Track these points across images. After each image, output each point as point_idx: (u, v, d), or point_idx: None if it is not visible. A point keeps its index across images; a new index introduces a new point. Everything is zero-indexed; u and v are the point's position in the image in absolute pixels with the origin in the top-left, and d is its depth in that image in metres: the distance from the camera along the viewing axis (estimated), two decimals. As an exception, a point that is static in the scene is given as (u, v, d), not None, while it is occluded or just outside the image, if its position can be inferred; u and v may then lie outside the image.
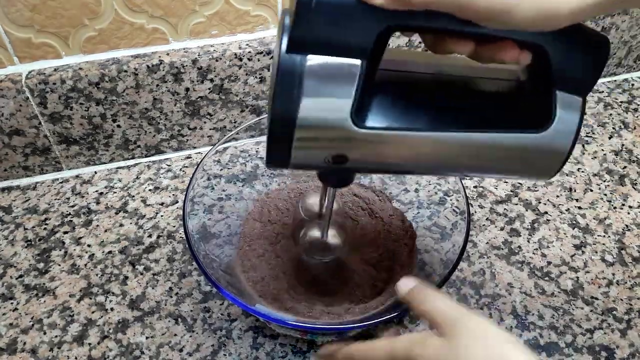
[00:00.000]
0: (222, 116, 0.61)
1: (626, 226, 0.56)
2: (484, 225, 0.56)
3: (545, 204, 0.59)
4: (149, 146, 0.62)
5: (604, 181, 0.61)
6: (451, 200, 0.53)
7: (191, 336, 0.47)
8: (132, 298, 0.49)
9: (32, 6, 0.48)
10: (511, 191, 0.60)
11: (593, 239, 0.55)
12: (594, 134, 0.67)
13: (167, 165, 0.63)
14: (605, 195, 0.60)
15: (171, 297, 0.49)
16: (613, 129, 0.68)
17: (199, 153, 0.64)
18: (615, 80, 0.76)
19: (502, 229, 0.56)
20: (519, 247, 0.54)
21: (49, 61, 0.53)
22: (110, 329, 0.47)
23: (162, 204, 0.58)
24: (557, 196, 0.59)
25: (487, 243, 0.55)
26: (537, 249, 0.54)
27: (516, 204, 0.58)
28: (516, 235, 0.55)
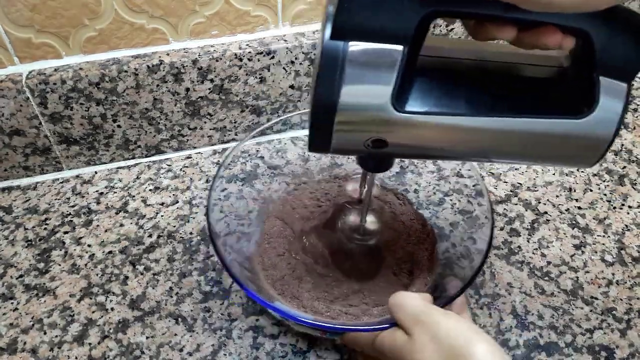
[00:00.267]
0: (222, 116, 0.61)
1: (626, 226, 0.56)
2: (483, 224, 0.56)
3: (545, 204, 0.59)
4: (149, 146, 0.62)
5: (604, 181, 0.61)
6: (451, 200, 0.53)
7: (191, 336, 0.47)
8: (132, 298, 0.50)
9: (32, 6, 0.49)
10: (511, 191, 0.60)
11: (593, 239, 0.55)
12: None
13: (168, 165, 0.63)
14: (605, 195, 0.60)
15: (171, 297, 0.50)
16: (613, 129, 0.68)
17: (199, 153, 0.64)
18: (615, 80, 0.76)
19: (501, 228, 0.56)
20: (519, 247, 0.54)
21: (49, 61, 0.53)
22: (110, 328, 0.47)
23: (162, 204, 0.58)
24: (557, 196, 0.60)
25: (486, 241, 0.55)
26: (536, 248, 0.54)
27: (516, 204, 0.59)
28: (516, 235, 0.55)
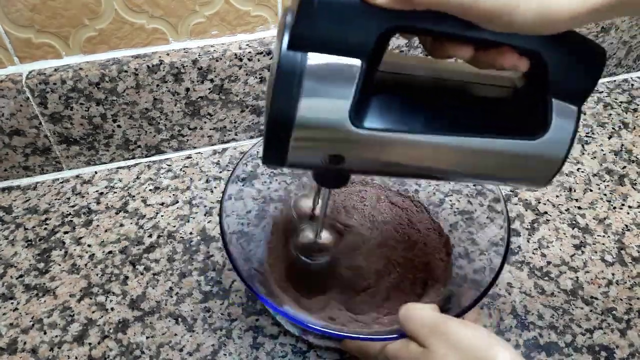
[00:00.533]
0: (222, 116, 0.61)
1: (626, 226, 0.56)
2: (484, 223, 0.56)
3: (544, 203, 0.59)
4: (149, 146, 0.62)
5: (604, 181, 0.61)
6: (451, 200, 0.53)
7: (191, 336, 0.47)
8: (132, 298, 0.50)
9: (32, 6, 0.49)
10: (511, 191, 0.60)
11: (593, 239, 0.55)
12: (593, 134, 0.68)
13: (168, 165, 0.63)
14: (605, 195, 0.60)
15: (171, 297, 0.50)
16: (613, 129, 0.68)
17: (199, 153, 0.64)
18: (614, 80, 0.76)
19: (501, 228, 0.56)
20: (519, 247, 0.54)
21: (49, 61, 0.53)
22: (110, 328, 0.47)
23: (162, 204, 0.58)
24: (557, 196, 0.60)
25: (488, 241, 0.54)
26: (536, 248, 0.54)
27: (516, 204, 0.59)
28: (516, 235, 0.55)
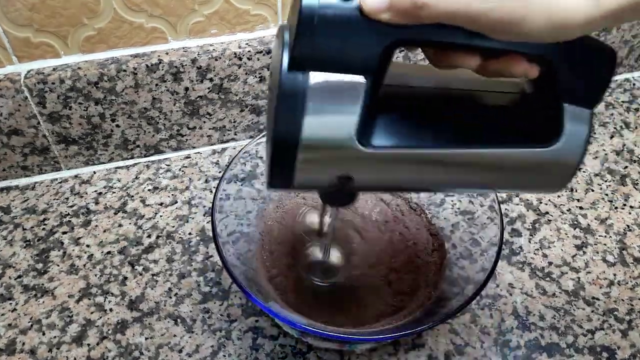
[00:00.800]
0: (221, 116, 0.61)
1: (627, 226, 0.56)
2: (485, 224, 0.56)
3: (546, 204, 0.58)
4: (148, 146, 0.62)
5: (605, 181, 0.61)
6: (452, 200, 0.53)
7: (190, 337, 0.46)
8: (131, 299, 0.49)
9: (31, 5, 0.48)
10: (512, 191, 0.60)
11: (594, 239, 0.55)
12: (595, 133, 0.67)
13: (167, 165, 0.62)
14: (607, 195, 0.60)
15: (170, 297, 0.49)
16: (614, 128, 0.68)
17: (199, 153, 0.64)
18: (616, 80, 0.75)
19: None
20: (520, 247, 0.54)
21: (48, 61, 0.53)
22: (109, 329, 0.47)
23: (161, 204, 0.58)
24: (558, 196, 0.59)
25: (488, 242, 0.54)
26: (538, 249, 0.54)
27: (517, 204, 0.58)
28: (517, 236, 0.55)
